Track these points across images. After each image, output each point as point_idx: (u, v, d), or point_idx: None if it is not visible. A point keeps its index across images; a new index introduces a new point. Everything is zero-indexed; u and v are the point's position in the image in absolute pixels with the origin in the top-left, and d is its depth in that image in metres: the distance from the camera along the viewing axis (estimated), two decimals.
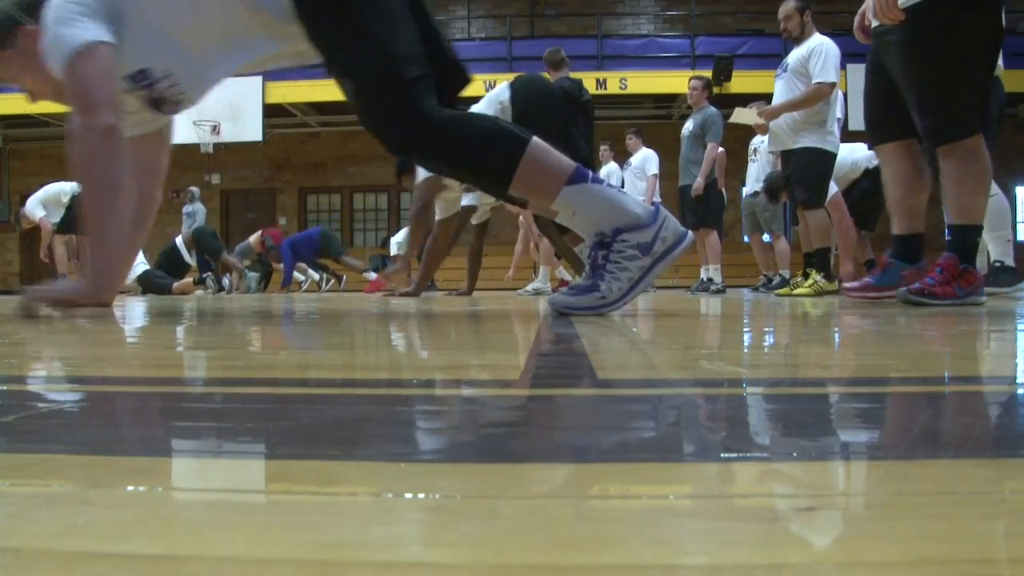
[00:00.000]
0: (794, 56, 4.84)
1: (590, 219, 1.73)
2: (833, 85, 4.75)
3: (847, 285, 3.29)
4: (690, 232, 1.80)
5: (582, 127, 4.53)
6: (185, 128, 12.25)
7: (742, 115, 5.58)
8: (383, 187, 14.28)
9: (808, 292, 4.60)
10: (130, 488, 0.35)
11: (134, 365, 0.98)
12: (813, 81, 4.70)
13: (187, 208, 10.80)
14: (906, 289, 2.59)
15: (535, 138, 1.72)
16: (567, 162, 1.73)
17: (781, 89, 4.89)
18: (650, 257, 1.72)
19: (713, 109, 6.53)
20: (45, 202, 8.00)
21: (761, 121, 5.03)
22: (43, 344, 1.31)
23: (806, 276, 4.83)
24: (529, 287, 6.33)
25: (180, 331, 1.66)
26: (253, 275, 8.94)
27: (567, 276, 6.36)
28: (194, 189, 11.04)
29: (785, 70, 4.89)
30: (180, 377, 0.85)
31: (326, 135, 14.64)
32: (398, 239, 9.73)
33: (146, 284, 7.54)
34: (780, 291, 5.24)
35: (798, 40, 4.85)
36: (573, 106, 4.55)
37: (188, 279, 7.98)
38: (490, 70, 12.83)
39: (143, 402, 0.67)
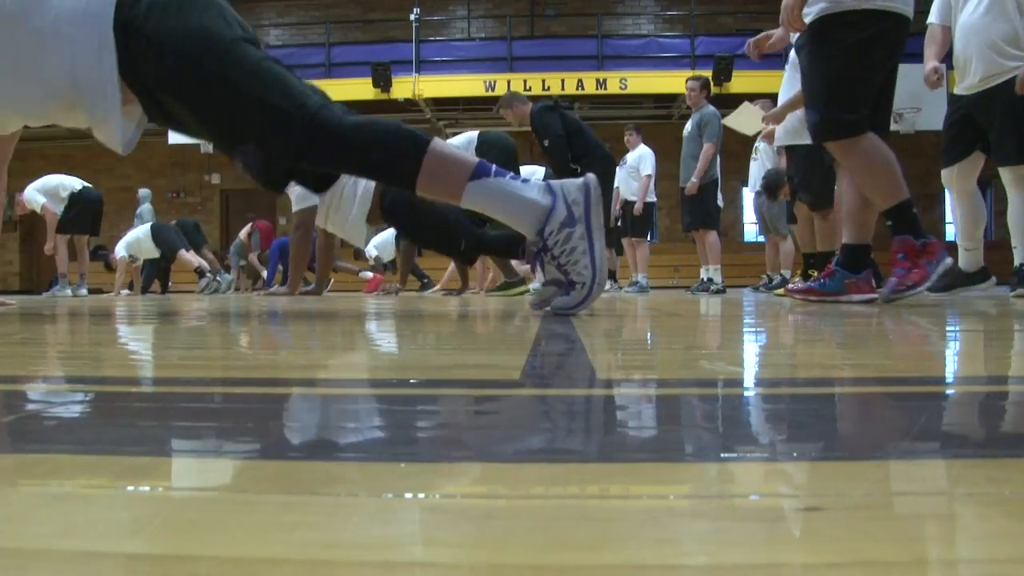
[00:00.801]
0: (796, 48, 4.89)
1: (511, 219, 1.77)
2: None
3: (790, 287, 3.39)
4: (590, 174, 1.83)
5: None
6: None
7: (736, 122, 5.56)
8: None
9: None
10: (130, 488, 0.35)
11: (134, 365, 0.98)
12: None
13: (140, 210, 10.42)
14: (887, 291, 2.71)
15: (436, 138, 1.78)
16: (469, 159, 1.78)
17: (785, 83, 4.92)
18: (580, 223, 1.74)
19: (711, 108, 6.54)
20: (44, 192, 7.81)
21: (759, 128, 5.03)
22: (43, 344, 1.31)
23: (806, 277, 4.83)
24: (530, 287, 6.34)
25: (180, 332, 1.66)
26: (227, 277, 8.93)
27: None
28: (143, 191, 10.60)
29: (789, 63, 4.91)
30: (180, 377, 0.85)
31: None
32: (376, 243, 9.73)
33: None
34: (778, 291, 5.25)
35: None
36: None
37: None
38: (490, 70, 12.84)
39: (143, 402, 0.67)
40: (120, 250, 9.10)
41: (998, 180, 3.84)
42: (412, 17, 12.76)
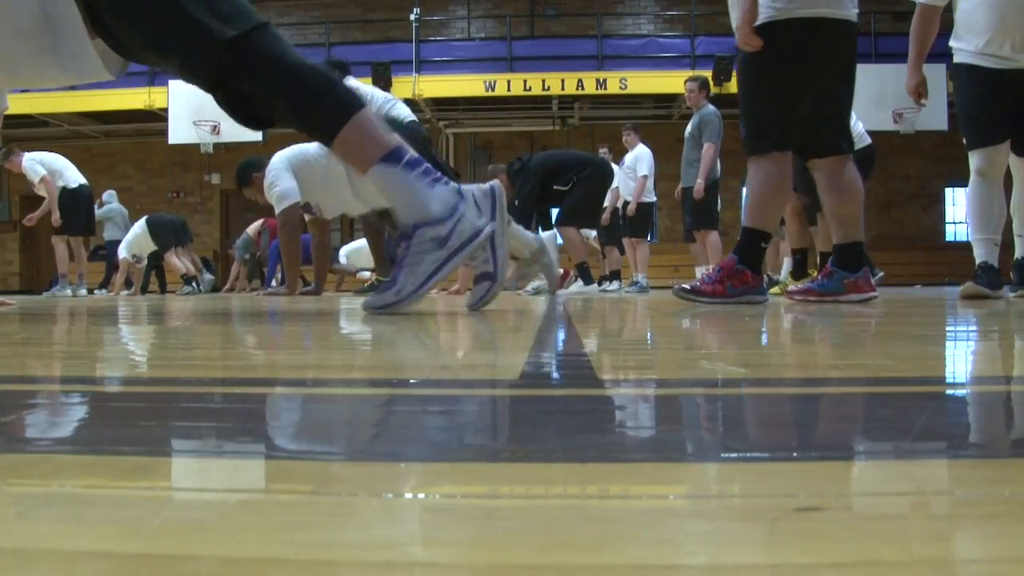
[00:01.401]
0: None
1: (399, 208, 1.84)
2: None
3: (791, 289, 3.42)
4: (489, 227, 1.88)
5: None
6: (185, 128, 12.26)
7: None
8: None
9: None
10: (130, 488, 0.35)
11: (134, 365, 0.98)
12: None
13: (99, 211, 10.16)
14: (679, 287, 2.83)
15: (366, 111, 1.83)
16: (389, 142, 1.83)
17: None
18: (445, 251, 1.81)
19: (711, 108, 6.54)
20: (45, 166, 7.66)
21: None
22: (43, 344, 1.31)
23: (798, 275, 4.88)
24: (529, 286, 6.33)
25: (180, 332, 1.66)
26: (208, 277, 8.91)
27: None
28: (107, 193, 10.45)
29: None
30: (180, 377, 0.85)
31: None
32: (347, 251, 9.77)
33: None
34: (773, 290, 5.30)
35: None
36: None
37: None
38: (490, 70, 12.84)
39: (143, 402, 0.67)
40: (122, 251, 9.12)
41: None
42: (412, 17, 12.75)
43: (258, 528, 0.29)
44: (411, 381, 0.75)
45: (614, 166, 8.83)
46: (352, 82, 5.03)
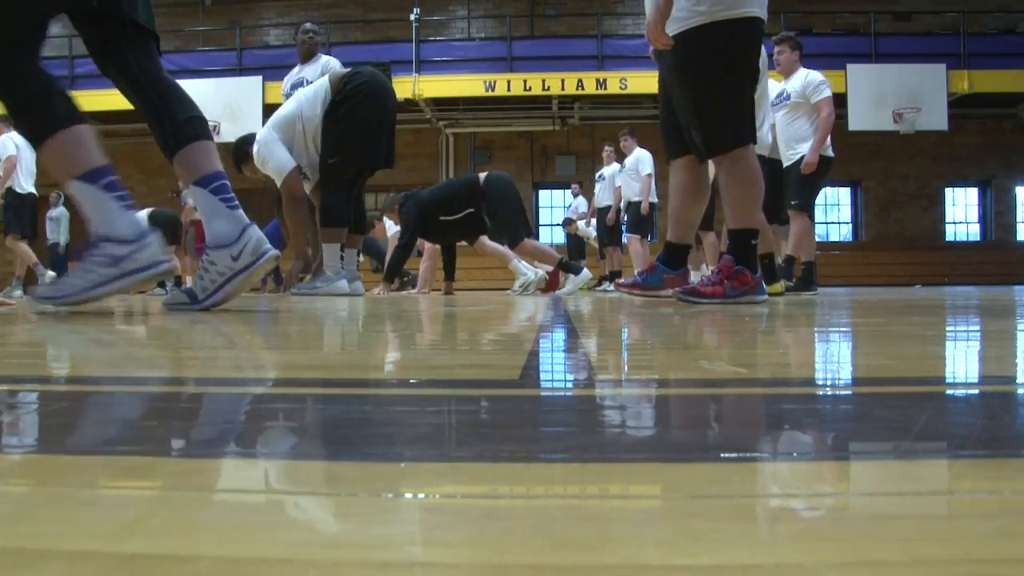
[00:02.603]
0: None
1: (91, 220, 1.99)
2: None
3: (619, 281, 3.50)
4: (170, 263, 2.08)
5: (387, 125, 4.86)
6: None
7: None
8: (383, 187, 14.32)
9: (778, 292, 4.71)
10: (130, 488, 0.35)
11: (134, 365, 0.98)
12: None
13: (51, 212, 10.22)
14: (680, 289, 2.84)
15: (79, 127, 2.00)
16: (90, 161, 1.98)
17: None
18: (116, 269, 1.97)
19: None
20: (17, 146, 7.57)
21: None
22: (44, 344, 1.31)
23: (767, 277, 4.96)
24: (516, 285, 6.34)
25: (179, 332, 1.66)
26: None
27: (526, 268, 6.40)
28: (53, 195, 10.32)
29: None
30: (180, 377, 0.85)
31: None
32: None
33: None
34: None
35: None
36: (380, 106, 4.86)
37: None
38: (490, 70, 12.83)
39: (143, 402, 0.67)
40: None
41: (998, 181, 3.82)
42: (412, 17, 12.75)
43: (258, 528, 0.29)
44: (411, 381, 0.75)
45: (618, 167, 8.84)
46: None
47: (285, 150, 4.76)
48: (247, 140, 5.25)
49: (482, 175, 6.03)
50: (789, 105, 5.45)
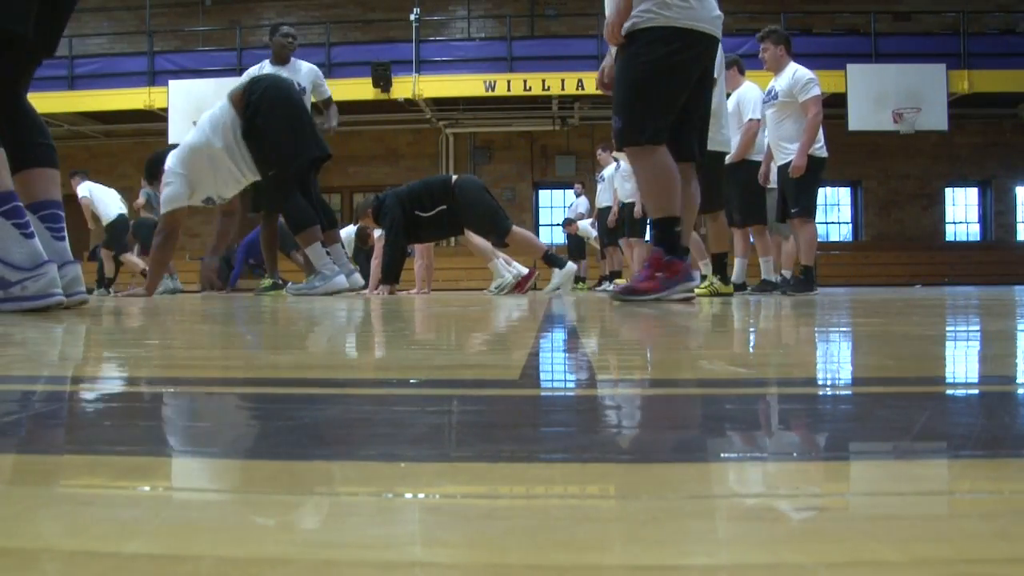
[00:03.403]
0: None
1: None
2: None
3: (614, 290, 3.52)
4: (58, 297, 2.07)
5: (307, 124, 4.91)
6: (185, 128, 12.24)
7: None
8: (383, 187, 14.35)
9: (704, 293, 4.76)
10: (130, 488, 0.35)
11: (133, 365, 0.98)
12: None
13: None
14: (616, 289, 2.89)
15: None
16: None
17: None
18: (3, 293, 2.00)
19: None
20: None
21: None
22: (44, 344, 1.31)
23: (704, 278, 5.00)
24: (492, 286, 6.36)
25: (179, 332, 1.66)
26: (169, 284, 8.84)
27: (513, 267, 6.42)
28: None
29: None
30: (180, 377, 0.85)
31: (326, 135, 14.65)
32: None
33: None
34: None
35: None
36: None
37: None
38: (490, 70, 12.83)
39: (143, 402, 0.67)
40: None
41: (998, 181, 3.82)
42: (412, 17, 12.74)
43: (258, 528, 0.29)
44: (411, 381, 0.75)
45: (611, 169, 8.83)
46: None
47: (186, 185, 4.74)
48: (159, 159, 5.26)
49: (454, 176, 6.05)
50: (777, 104, 5.30)
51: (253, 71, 5.61)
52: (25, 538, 0.28)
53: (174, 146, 5.06)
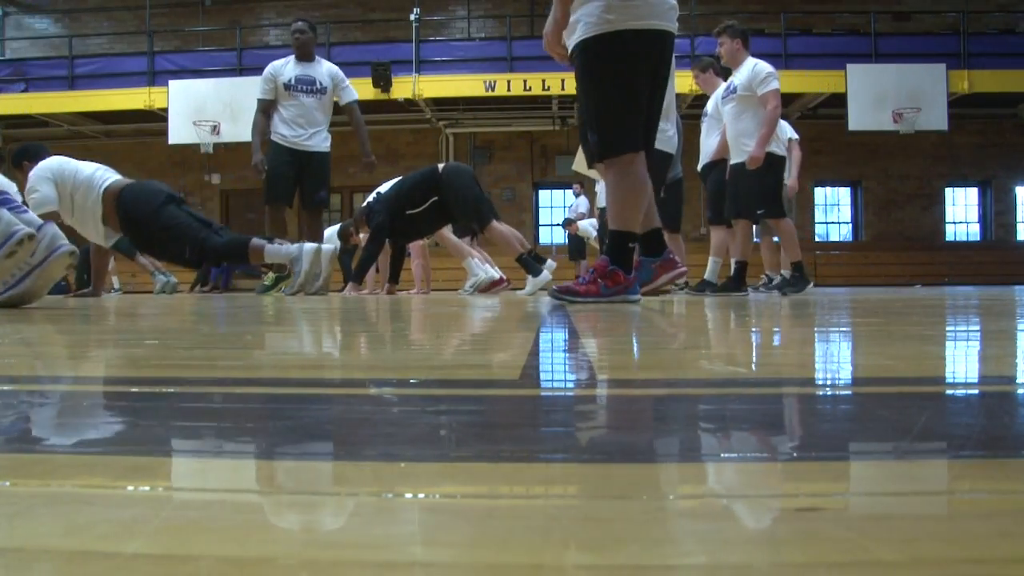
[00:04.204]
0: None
1: None
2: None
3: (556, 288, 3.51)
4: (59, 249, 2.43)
5: None
6: (185, 128, 12.25)
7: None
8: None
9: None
10: (130, 488, 0.35)
11: (133, 365, 0.98)
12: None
13: None
14: (555, 288, 2.86)
15: None
16: None
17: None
18: (20, 272, 2.32)
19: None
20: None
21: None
22: (43, 344, 1.31)
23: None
24: (467, 285, 6.36)
25: (178, 332, 1.66)
26: (162, 278, 8.80)
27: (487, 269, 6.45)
28: None
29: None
30: (180, 377, 0.85)
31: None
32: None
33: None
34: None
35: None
36: None
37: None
38: (490, 70, 12.82)
39: (143, 402, 0.67)
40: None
41: (998, 181, 3.81)
42: (412, 17, 12.74)
43: (258, 528, 0.29)
44: (411, 381, 0.75)
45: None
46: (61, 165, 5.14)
47: (54, 190, 4.85)
48: (28, 151, 5.36)
49: (440, 165, 6.08)
50: (736, 98, 5.18)
51: (278, 65, 5.71)
52: (25, 538, 0.28)
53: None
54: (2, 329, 1.57)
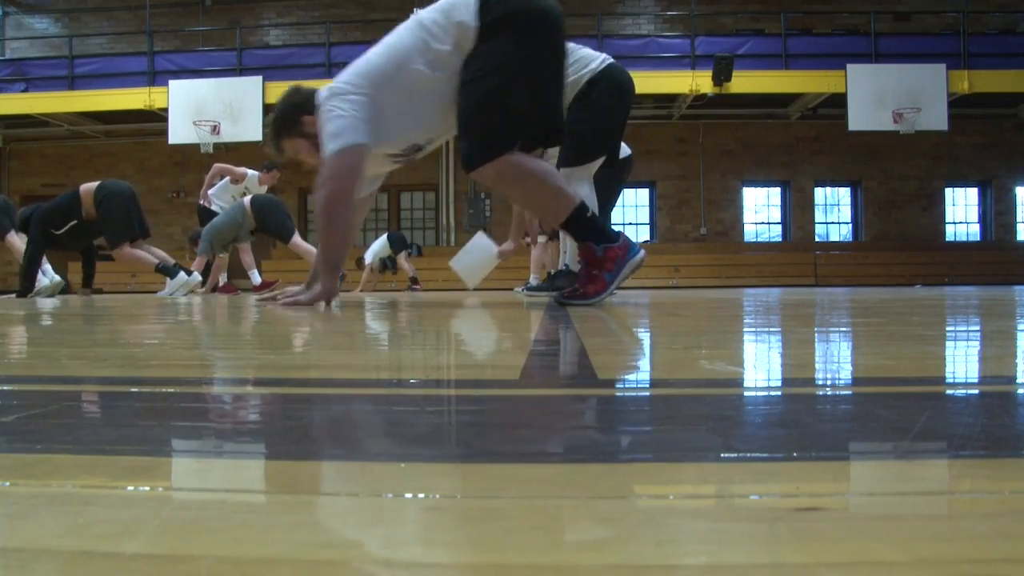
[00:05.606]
0: None
1: None
2: None
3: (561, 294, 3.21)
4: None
5: None
6: (185, 128, 12.25)
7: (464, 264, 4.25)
8: (382, 187, 14.35)
9: None
10: (130, 488, 0.35)
11: (133, 365, 0.98)
12: None
13: None
14: (561, 294, 2.57)
15: None
16: None
17: None
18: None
19: None
20: None
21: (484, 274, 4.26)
22: (43, 344, 1.31)
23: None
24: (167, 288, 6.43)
25: (177, 331, 1.66)
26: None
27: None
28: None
29: None
30: (180, 377, 0.85)
31: None
32: (374, 250, 10.27)
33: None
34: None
35: None
36: None
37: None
38: None
39: (143, 402, 0.67)
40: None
41: (998, 181, 3.81)
42: None
43: (258, 528, 0.29)
44: (411, 381, 0.75)
45: None
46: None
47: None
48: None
49: (89, 185, 6.13)
50: None
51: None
52: (25, 538, 0.28)
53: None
54: (2, 329, 1.57)
